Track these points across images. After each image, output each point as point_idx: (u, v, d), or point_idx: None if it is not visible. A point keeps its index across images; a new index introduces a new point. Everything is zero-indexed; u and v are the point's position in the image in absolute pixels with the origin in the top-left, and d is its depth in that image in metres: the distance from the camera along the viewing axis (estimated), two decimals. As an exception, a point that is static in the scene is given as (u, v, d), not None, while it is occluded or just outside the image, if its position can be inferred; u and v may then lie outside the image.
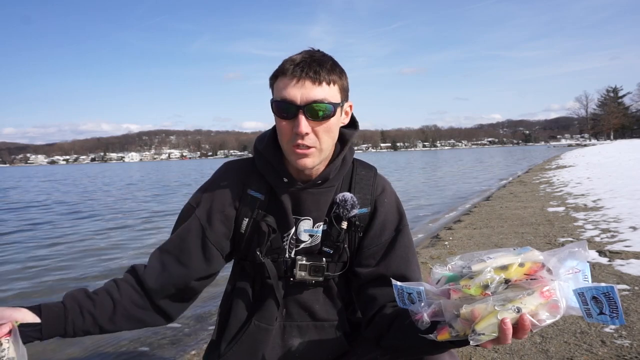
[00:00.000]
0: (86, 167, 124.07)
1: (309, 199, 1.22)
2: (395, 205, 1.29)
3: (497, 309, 0.81)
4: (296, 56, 1.14)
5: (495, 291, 0.83)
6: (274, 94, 1.14)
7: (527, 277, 0.83)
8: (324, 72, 1.11)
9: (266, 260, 1.22)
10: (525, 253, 0.85)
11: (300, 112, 1.09)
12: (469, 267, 0.87)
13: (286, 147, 1.15)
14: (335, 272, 1.25)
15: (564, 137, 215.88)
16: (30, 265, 5.51)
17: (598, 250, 4.15)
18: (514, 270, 0.83)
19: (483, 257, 0.87)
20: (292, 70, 1.10)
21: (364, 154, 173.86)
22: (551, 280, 0.82)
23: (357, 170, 1.29)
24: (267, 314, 1.25)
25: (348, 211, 1.21)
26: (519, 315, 0.80)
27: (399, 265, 1.21)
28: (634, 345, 2.25)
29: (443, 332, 0.89)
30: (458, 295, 0.87)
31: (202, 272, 1.22)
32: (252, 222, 1.23)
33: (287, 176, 1.20)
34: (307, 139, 1.11)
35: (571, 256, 0.84)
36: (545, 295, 0.81)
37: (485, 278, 0.83)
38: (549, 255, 0.84)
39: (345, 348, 1.28)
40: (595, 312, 0.77)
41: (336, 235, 1.22)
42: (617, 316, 0.75)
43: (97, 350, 2.95)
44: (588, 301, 0.78)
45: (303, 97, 1.09)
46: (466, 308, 0.84)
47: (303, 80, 1.09)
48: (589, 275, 0.85)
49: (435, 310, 0.90)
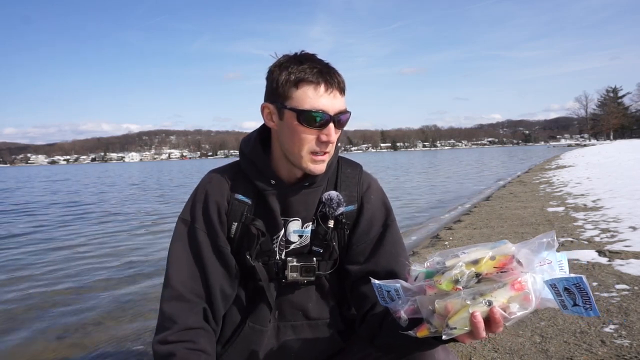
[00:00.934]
0: (87, 167, 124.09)
1: (297, 199, 1.22)
2: (381, 202, 1.29)
3: (468, 303, 0.81)
4: (311, 64, 1.12)
5: (466, 285, 0.83)
6: (297, 102, 1.11)
7: (497, 270, 0.82)
8: (342, 79, 1.15)
9: (256, 263, 1.22)
10: (499, 246, 0.85)
11: (331, 121, 1.12)
12: (443, 263, 0.87)
13: (304, 154, 1.15)
14: (327, 270, 1.26)
15: (563, 137, 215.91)
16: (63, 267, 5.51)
17: (598, 250, 4.15)
18: (484, 264, 0.83)
19: (458, 253, 0.87)
20: (324, 80, 1.11)
21: (363, 154, 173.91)
22: (522, 272, 0.81)
23: (342, 169, 1.30)
24: (261, 315, 1.25)
25: (334, 210, 1.22)
26: (490, 308, 0.80)
27: (388, 260, 1.22)
28: (633, 345, 2.25)
29: (422, 329, 0.89)
30: (433, 291, 0.87)
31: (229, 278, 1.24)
32: (241, 226, 1.23)
33: (274, 178, 1.21)
34: (329, 146, 1.15)
35: (541, 247, 0.83)
36: (517, 288, 0.80)
37: (455, 272, 0.83)
38: (520, 247, 0.83)
39: (340, 346, 1.29)
40: (569, 304, 0.77)
41: (324, 234, 1.23)
42: (590, 307, 0.75)
43: (97, 350, 2.95)
44: (561, 292, 0.77)
45: (334, 107, 1.12)
46: (439, 303, 0.84)
47: (334, 91, 1.12)
48: (565, 266, 0.85)
49: (413, 307, 0.90)
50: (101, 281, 4.65)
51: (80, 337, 3.20)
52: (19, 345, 3.12)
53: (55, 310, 3.80)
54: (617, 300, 2.88)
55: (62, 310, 3.79)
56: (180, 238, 1.22)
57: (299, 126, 1.12)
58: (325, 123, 1.11)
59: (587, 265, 3.70)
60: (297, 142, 1.14)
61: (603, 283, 3.22)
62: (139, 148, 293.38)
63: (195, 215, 1.22)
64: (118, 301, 3.96)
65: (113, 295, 4.15)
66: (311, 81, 1.10)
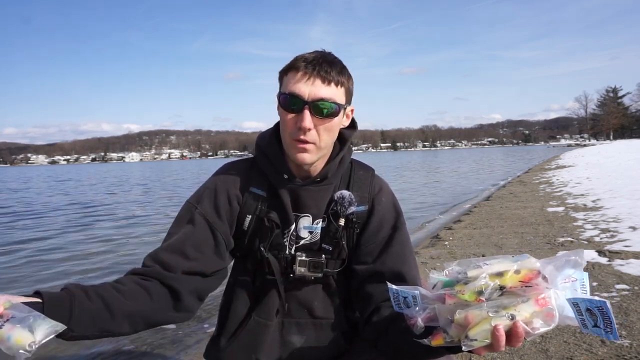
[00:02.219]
0: (87, 167, 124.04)
1: (308, 196, 1.24)
2: (392, 204, 1.31)
3: (491, 315, 0.80)
4: (309, 54, 1.17)
5: (489, 297, 0.82)
6: (283, 87, 1.17)
7: (522, 285, 0.82)
8: (334, 72, 1.15)
9: (270, 256, 1.23)
10: (522, 260, 0.84)
11: (306, 107, 1.12)
12: (464, 272, 0.86)
13: (288, 140, 1.18)
14: (335, 268, 1.26)
15: (563, 137, 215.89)
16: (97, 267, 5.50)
17: (598, 250, 4.15)
18: (509, 277, 0.82)
19: (479, 263, 0.86)
20: (304, 67, 1.14)
21: (364, 154, 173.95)
22: (547, 288, 0.80)
23: (355, 170, 1.32)
24: (267, 309, 1.26)
25: (346, 208, 1.23)
26: (513, 322, 0.79)
27: (395, 262, 1.22)
28: (633, 345, 2.25)
29: (437, 338, 0.88)
30: (453, 300, 0.86)
31: (216, 265, 1.21)
32: (255, 218, 1.24)
33: (287, 173, 1.23)
34: (308, 134, 1.14)
35: (567, 264, 0.83)
36: (540, 304, 0.80)
37: (479, 284, 0.82)
38: (546, 263, 0.83)
39: (343, 348, 1.29)
40: (590, 324, 0.76)
41: (334, 232, 1.24)
42: (611, 331, 0.74)
43: (97, 350, 2.95)
44: (583, 312, 0.77)
45: (311, 93, 1.13)
46: (460, 313, 0.83)
47: (314, 78, 1.13)
48: (587, 284, 0.84)
49: (430, 315, 0.89)
50: (101, 280, 4.65)
51: (87, 337, 3.19)
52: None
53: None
54: (617, 300, 2.88)
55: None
56: (180, 218, 1.24)
57: (281, 110, 1.17)
58: (298, 107, 1.13)
59: (587, 266, 3.70)
60: (282, 127, 1.19)
61: (603, 283, 3.22)
62: (139, 148, 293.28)
63: (201, 200, 1.24)
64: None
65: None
66: (294, 67, 1.15)
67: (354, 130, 1.31)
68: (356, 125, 1.31)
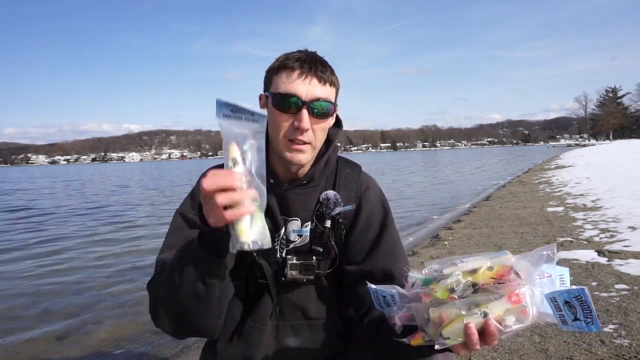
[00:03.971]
0: (87, 167, 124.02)
1: (296, 199, 1.23)
2: (380, 202, 1.30)
3: (463, 313, 0.79)
4: (296, 54, 1.15)
5: (462, 295, 0.81)
6: (274, 87, 1.14)
7: (495, 281, 0.80)
8: (328, 72, 1.15)
9: (262, 261, 1.22)
10: (498, 257, 0.82)
11: (304, 107, 1.10)
12: (441, 270, 0.85)
13: (282, 141, 1.14)
14: (326, 269, 1.26)
15: (563, 137, 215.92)
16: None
17: (597, 250, 4.15)
18: (481, 274, 0.80)
19: (456, 261, 0.85)
20: (300, 66, 1.11)
21: (363, 154, 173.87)
22: (520, 284, 0.78)
23: (341, 169, 1.30)
24: (261, 313, 1.25)
25: (331, 210, 1.22)
26: (485, 320, 0.78)
27: (385, 261, 1.21)
28: (633, 345, 2.25)
29: (416, 337, 0.88)
30: (429, 299, 0.85)
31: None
32: None
33: (273, 177, 1.21)
34: (306, 135, 1.12)
35: (541, 259, 0.81)
36: (514, 300, 0.78)
37: (451, 281, 0.81)
38: (519, 259, 0.81)
39: (339, 348, 1.29)
40: (569, 319, 0.75)
41: (321, 234, 1.23)
42: (592, 321, 0.73)
43: (97, 350, 2.96)
44: (561, 306, 0.75)
45: (309, 93, 1.11)
46: (434, 312, 0.82)
47: (310, 77, 1.11)
48: (567, 280, 0.82)
49: (409, 314, 0.88)
50: (101, 280, 4.66)
51: (80, 337, 3.20)
52: (20, 345, 3.13)
53: (56, 310, 3.81)
54: (616, 300, 2.88)
55: (63, 311, 3.79)
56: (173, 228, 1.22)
57: (274, 111, 1.13)
58: (297, 107, 1.10)
59: (586, 265, 3.70)
60: (275, 128, 1.14)
61: (602, 283, 3.22)
62: (139, 148, 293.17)
63: (193, 206, 1.22)
64: (118, 301, 3.97)
65: (113, 295, 4.16)
66: (288, 66, 1.12)
67: (339, 130, 1.29)
68: (341, 124, 1.30)
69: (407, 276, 0.92)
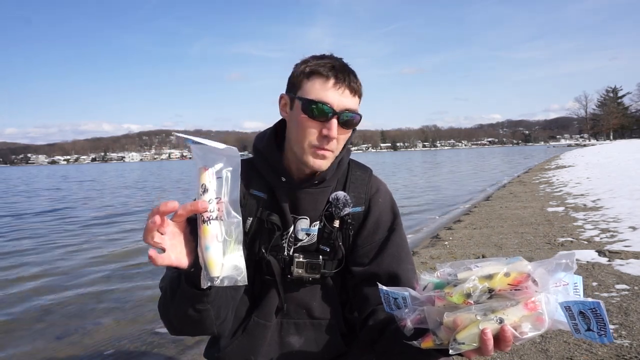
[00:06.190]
0: (87, 167, 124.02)
1: (306, 198, 1.24)
2: (389, 205, 1.30)
3: (479, 319, 0.79)
4: (328, 61, 1.15)
5: (478, 300, 0.81)
6: (304, 92, 1.14)
7: (511, 288, 0.80)
8: (359, 83, 1.16)
9: (271, 258, 1.23)
10: (514, 263, 0.83)
11: (334, 117, 1.11)
12: (455, 274, 0.85)
13: (306, 146, 1.15)
14: (332, 269, 1.27)
15: (563, 137, 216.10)
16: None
17: (597, 250, 4.15)
18: (498, 280, 0.80)
19: (471, 266, 0.85)
20: (334, 75, 1.12)
21: (363, 154, 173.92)
22: (536, 292, 0.79)
23: (352, 171, 1.32)
24: (267, 310, 1.26)
25: (340, 210, 1.23)
26: (501, 326, 0.78)
27: (391, 263, 1.22)
28: (633, 345, 2.25)
29: (427, 340, 0.87)
30: (442, 302, 0.85)
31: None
32: (257, 220, 1.24)
33: (285, 175, 1.22)
34: (331, 143, 1.14)
35: (559, 268, 0.81)
36: (530, 307, 0.78)
37: (467, 286, 0.81)
38: (536, 266, 0.80)
39: (342, 349, 1.29)
40: (582, 328, 0.75)
41: (329, 234, 1.24)
42: (604, 334, 0.73)
43: (97, 350, 2.96)
44: (575, 316, 0.76)
45: (340, 103, 1.12)
46: (448, 316, 0.82)
47: (344, 88, 1.12)
48: (580, 288, 0.83)
49: (420, 317, 0.88)
50: (102, 281, 4.66)
51: (80, 337, 3.20)
52: (20, 345, 3.13)
53: (56, 310, 3.80)
54: (617, 300, 2.88)
55: (63, 311, 3.79)
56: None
57: (304, 117, 1.13)
58: (327, 116, 1.11)
59: (587, 265, 3.70)
60: (301, 133, 1.15)
61: (603, 283, 3.22)
62: (139, 148, 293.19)
63: None
64: (118, 301, 3.97)
65: (113, 295, 4.16)
66: (322, 74, 1.12)
67: (353, 132, 1.30)
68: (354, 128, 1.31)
69: (418, 278, 0.92)
